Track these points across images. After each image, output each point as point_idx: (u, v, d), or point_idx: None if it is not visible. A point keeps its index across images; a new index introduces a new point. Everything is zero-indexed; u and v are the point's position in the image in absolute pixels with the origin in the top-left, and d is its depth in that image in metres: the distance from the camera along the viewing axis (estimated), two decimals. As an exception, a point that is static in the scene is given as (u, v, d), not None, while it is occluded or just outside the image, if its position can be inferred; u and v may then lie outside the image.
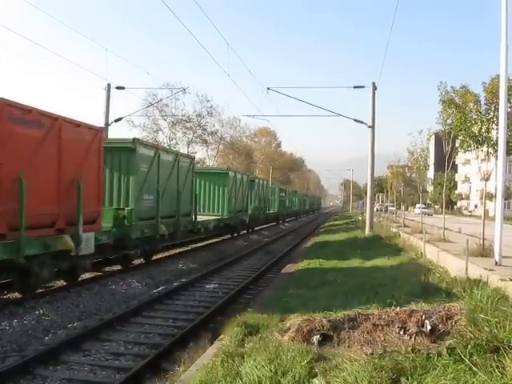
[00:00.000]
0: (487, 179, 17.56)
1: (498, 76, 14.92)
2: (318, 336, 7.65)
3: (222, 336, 8.94)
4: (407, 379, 5.98)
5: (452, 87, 18.26)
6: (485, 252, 15.00)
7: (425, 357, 6.62)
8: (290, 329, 8.25)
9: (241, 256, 24.15)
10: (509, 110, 15.85)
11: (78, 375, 8.15)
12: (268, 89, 31.39)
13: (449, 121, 18.59)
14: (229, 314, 11.56)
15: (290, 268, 18.82)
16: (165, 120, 62.38)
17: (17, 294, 12.77)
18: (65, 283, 14.45)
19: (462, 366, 6.27)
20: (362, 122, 32.97)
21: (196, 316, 12.09)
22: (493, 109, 16.31)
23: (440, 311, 8.21)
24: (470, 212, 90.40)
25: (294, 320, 8.54)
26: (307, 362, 6.60)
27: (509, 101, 15.85)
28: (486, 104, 16.90)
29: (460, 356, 6.48)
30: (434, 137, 34.63)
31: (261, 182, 44.83)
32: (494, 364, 6.18)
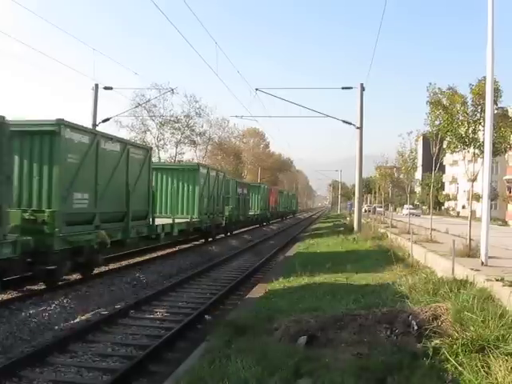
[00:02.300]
0: (474, 180, 17.65)
1: (484, 78, 15.02)
2: (305, 337, 7.67)
3: (208, 337, 8.94)
4: (393, 379, 6.01)
5: (439, 89, 18.34)
6: (471, 252, 15.08)
7: (411, 357, 6.66)
8: (277, 329, 8.27)
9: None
10: (495, 111, 15.94)
11: (65, 377, 8.11)
12: (256, 89, 31.43)
13: (436, 122, 18.65)
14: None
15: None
16: (153, 120, 62.08)
17: (3, 296, 12.72)
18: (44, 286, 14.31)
19: (448, 365, 6.32)
20: (350, 123, 33.11)
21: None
22: (479, 110, 16.40)
23: (426, 311, 8.26)
24: (458, 213, 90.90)
25: (281, 321, 8.56)
26: (294, 363, 6.62)
27: (495, 102, 15.95)
28: (472, 105, 16.98)
29: (446, 356, 6.52)
30: (421, 138, 34.78)
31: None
32: (479, 364, 6.23)
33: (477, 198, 37.51)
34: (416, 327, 7.75)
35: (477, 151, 16.76)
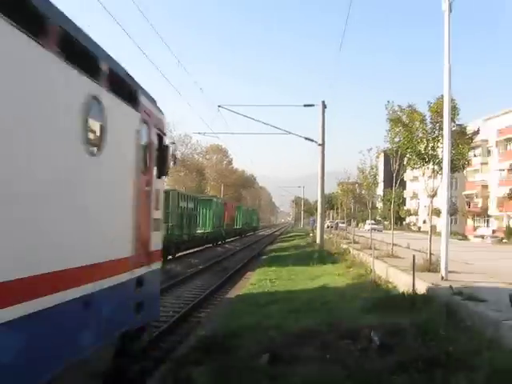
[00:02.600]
0: (433, 196, 17.91)
1: (442, 96, 15.34)
2: (268, 354, 7.60)
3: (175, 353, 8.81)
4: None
5: (399, 106, 18.57)
6: (432, 267, 15.27)
7: (373, 372, 6.67)
8: (240, 347, 8.20)
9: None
10: (453, 128, 16.25)
11: None
12: (219, 106, 31.48)
13: (396, 139, 18.90)
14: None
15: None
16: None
17: None
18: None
19: (411, 381, 6.35)
20: (312, 140, 33.32)
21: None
22: (437, 128, 16.69)
23: (388, 326, 8.32)
24: (419, 228, 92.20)
25: (245, 338, 8.50)
26: (256, 380, 6.57)
27: (453, 120, 16.25)
28: (431, 123, 17.26)
29: (408, 371, 6.56)
30: (382, 154, 35.27)
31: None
32: (441, 378, 6.28)
33: (437, 213, 38.09)
34: (378, 342, 7.79)
35: (436, 167, 17.02)
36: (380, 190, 76.20)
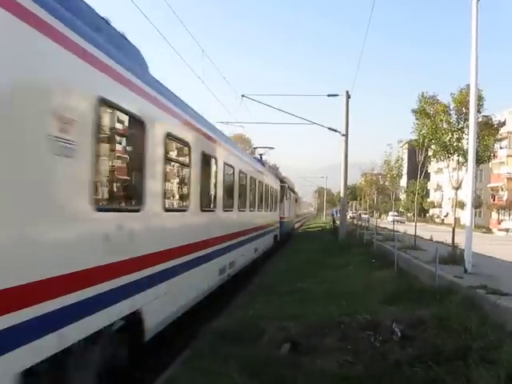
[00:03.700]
0: (458, 188, 17.77)
1: (468, 86, 15.15)
2: (289, 344, 7.63)
3: (195, 343, 8.86)
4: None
5: (422, 95, 18.32)
6: (455, 260, 15.18)
7: (394, 364, 6.66)
8: (262, 336, 8.24)
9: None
10: (478, 119, 16.06)
11: None
12: (243, 96, 31.31)
13: (423, 131, 18.69)
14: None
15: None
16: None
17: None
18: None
19: (431, 373, 6.33)
20: (335, 131, 33.07)
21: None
22: (462, 118, 16.49)
23: (410, 319, 8.29)
24: (442, 220, 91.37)
25: (266, 327, 8.52)
26: (278, 370, 6.60)
27: (478, 111, 16.03)
28: (455, 114, 17.07)
29: (429, 364, 6.54)
30: (406, 146, 35.02)
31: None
32: (461, 371, 6.25)
33: (461, 205, 37.79)
34: (399, 334, 7.77)
35: (461, 159, 16.86)
36: (403, 182, 75.73)
